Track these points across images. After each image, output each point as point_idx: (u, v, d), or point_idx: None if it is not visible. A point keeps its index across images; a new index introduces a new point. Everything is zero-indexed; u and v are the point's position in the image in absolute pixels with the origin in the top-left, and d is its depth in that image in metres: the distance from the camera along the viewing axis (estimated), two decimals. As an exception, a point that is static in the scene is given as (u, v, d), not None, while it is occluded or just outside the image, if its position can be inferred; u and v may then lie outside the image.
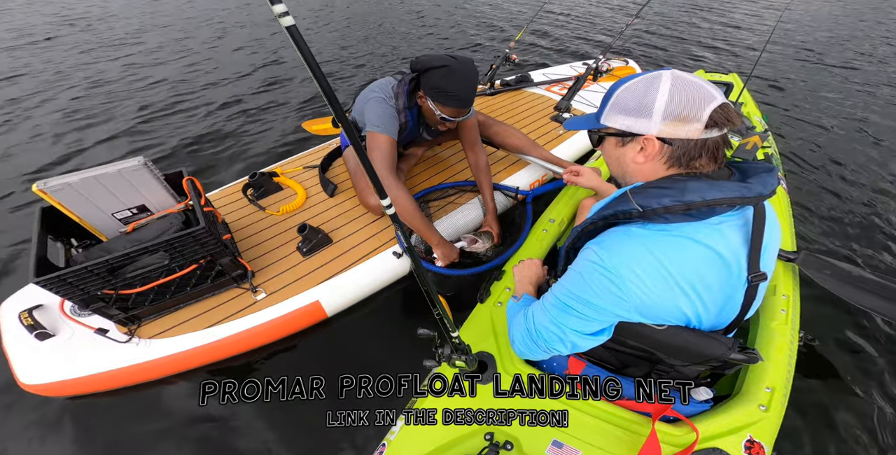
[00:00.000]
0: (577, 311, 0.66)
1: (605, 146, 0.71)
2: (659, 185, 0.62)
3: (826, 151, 2.55)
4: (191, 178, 1.25)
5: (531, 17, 2.74)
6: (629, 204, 0.62)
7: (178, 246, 1.09)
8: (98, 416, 1.24)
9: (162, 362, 1.21)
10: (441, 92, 1.26)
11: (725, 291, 0.66)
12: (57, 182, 1.03)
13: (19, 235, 1.85)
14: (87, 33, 4.58)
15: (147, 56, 3.95)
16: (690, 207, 0.58)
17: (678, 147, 0.61)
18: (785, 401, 0.90)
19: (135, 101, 3.08)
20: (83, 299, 1.07)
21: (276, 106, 3.05)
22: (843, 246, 1.85)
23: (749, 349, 0.71)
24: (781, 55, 4.15)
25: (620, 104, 0.63)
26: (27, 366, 1.16)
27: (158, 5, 5.86)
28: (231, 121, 2.83)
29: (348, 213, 1.65)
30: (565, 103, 2.21)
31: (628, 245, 0.62)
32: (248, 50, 4.17)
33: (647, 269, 0.61)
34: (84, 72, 3.58)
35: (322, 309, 1.37)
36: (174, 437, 1.20)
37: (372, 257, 1.47)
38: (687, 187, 0.59)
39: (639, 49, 4.29)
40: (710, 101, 0.57)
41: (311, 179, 1.82)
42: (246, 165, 2.36)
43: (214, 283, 1.29)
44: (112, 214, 1.19)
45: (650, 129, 0.61)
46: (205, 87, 3.33)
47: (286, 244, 1.51)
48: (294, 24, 0.34)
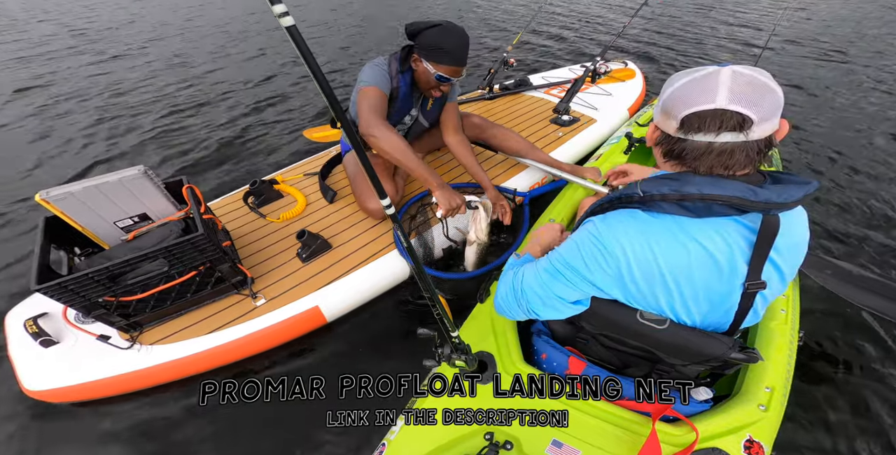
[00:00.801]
0: (566, 278, 0.70)
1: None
2: (668, 176, 0.63)
3: (830, 150, 2.51)
4: (191, 186, 1.27)
5: (528, 20, 2.74)
6: (634, 189, 0.64)
7: (176, 253, 1.11)
8: (97, 421, 1.25)
9: (163, 368, 1.22)
10: (437, 49, 1.28)
11: (712, 293, 0.66)
12: (59, 191, 1.06)
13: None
14: (98, 44, 4.70)
15: (160, 63, 4.05)
16: (685, 198, 0.58)
17: (663, 140, 0.63)
18: (784, 401, 0.89)
19: (145, 109, 3.17)
20: (85, 306, 1.09)
21: (282, 113, 3.10)
22: (846, 246, 1.82)
23: (749, 349, 0.71)
24: (791, 55, 4.11)
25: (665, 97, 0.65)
26: (32, 372, 1.18)
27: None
28: (235, 129, 2.88)
29: (347, 219, 1.66)
30: (563, 105, 2.21)
31: (626, 224, 0.64)
32: (261, 58, 4.27)
33: (636, 250, 0.63)
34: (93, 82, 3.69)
35: (321, 314, 1.37)
36: (174, 436, 1.20)
37: (371, 262, 1.48)
38: (690, 180, 0.59)
39: (643, 49, 4.29)
40: (701, 104, 0.56)
41: (311, 186, 1.83)
42: (247, 173, 2.39)
43: (214, 289, 1.30)
44: (114, 223, 1.21)
45: (657, 115, 0.64)
46: (218, 97, 3.41)
47: (286, 251, 1.52)
48: (294, 25, 0.34)
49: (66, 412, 1.27)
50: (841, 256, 1.75)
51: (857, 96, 3.18)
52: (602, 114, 2.35)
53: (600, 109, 2.39)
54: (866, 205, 2.05)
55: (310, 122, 2.95)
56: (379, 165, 1.62)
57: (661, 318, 0.71)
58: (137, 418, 1.26)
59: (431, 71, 1.33)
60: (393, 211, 0.55)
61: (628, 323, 0.72)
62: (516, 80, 2.68)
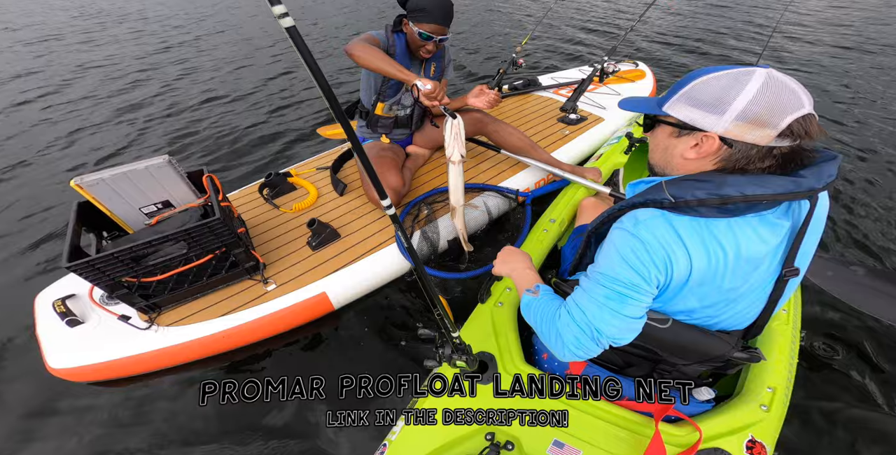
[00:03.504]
0: (633, 298, 0.63)
1: (657, 133, 0.67)
2: (696, 177, 0.60)
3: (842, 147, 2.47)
4: (210, 176, 1.34)
5: (538, 20, 2.78)
6: (662, 193, 0.59)
7: (195, 235, 1.18)
8: (103, 410, 1.30)
9: (177, 349, 1.28)
10: (419, 10, 1.42)
11: (746, 289, 0.65)
12: (92, 177, 1.14)
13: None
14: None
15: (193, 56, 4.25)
16: (726, 202, 0.55)
17: (738, 151, 0.57)
18: (786, 401, 0.89)
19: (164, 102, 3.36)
20: (109, 285, 1.16)
21: (298, 110, 3.23)
22: (851, 246, 1.78)
23: (751, 348, 0.71)
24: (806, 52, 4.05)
25: (693, 95, 0.58)
26: (56, 351, 1.26)
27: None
28: (255, 124, 3.03)
29: (356, 211, 1.71)
30: (571, 104, 2.23)
31: (660, 223, 0.60)
32: (278, 57, 4.44)
33: (676, 253, 0.59)
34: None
35: (329, 300, 1.42)
36: (174, 437, 1.23)
37: (378, 251, 1.53)
38: (726, 181, 0.56)
39: (653, 49, 4.27)
40: (797, 109, 0.53)
41: (323, 180, 1.90)
42: (264, 166, 2.52)
43: (228, 273, 1.36)
44: (139, 209, 1.30)
45: (715, 127, 0.56)
46: (238, 93, 3.59)
47: (297, 239, 1.58)
48: (293, 25, 0.33)
49: (83, 393, 1.33)
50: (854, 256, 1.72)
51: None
52: (610, 113, 2.37)
53: (609, 109, 2.41)
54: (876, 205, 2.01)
55: (324, 119, 3.05)
56: (386, 158, 1.68)
57: (664, 316, 0.70)
58: (135, 412, 1.29)
59: (416, 30, 1.45)
60: (393, 211, 0.55)
61: None
62: (525, 81, 2.72)
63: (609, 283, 0.63)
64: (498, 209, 1.78)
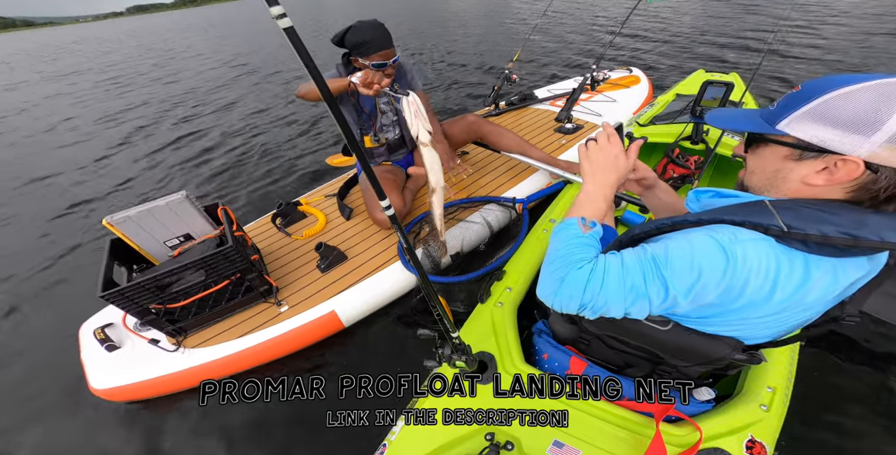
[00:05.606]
0: (651, 303, 0.57)
1: (764, 154, 0.56)
2: (822, 208, 0.50)
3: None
4: (224, 208, 1.48)
5: (526, 36, 2.89)
6: (770, 218, 0.51)
7: (211, 263, 1.29)
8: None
9: (203, 368, 1.37)
10: (360, 44, 1.44)
11: (805, 319, 0.60)
12: (120, 215, 1.29)
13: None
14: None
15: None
16: (857, 245, 0.46)
17: (886, 177, 0.47)
18: (786, 401, 0.87)
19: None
20: (139, 312, 1.28)
21: (307, 141, 3.45)
22: None
23: (752, 350, 0.69)
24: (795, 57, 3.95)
25: (828, 112, 0.48)
26: (97, 373, 1.39)
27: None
28: (265, 156, 3.30)
29: (362, 233, 1.81)
30: (564, 114, 2.29)
31: (764, 252, 0.51)
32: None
33: (761, 285, 0.52)
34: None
35: (338, 318, 1.49)
36: (174, 436, 1.29)
37: (382, 270, 1.60)
38: (865, 221, 0.47)
39: (644, 55, 4.30)
40: None
41: (331, 206, 2.02)
42: (276, 196, 2.72)
43: (245, 297, 1.46)
44: (164, 242, 1.43)
45: (858, 151, 0.47)
46: (254, 129, 3.89)
47: (308, 263, 1.68)
48: (292, 26, 0.33)
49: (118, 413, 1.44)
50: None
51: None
52: (606, 120, 2.40)
53: (604, 116, 2.44)
54: None
55: (331, 146, 3.27)
56: (387, 180, 1.77)
57: (665, 319, 0.68)
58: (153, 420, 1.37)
59: (367, 63, 1.47)
60: (393, 212, 0.56)
61: (632, 323, 0.69)
62: (521, 95, 2.80)
63: (651, 277, 0.55)
64: (498, 222, 1.82)
